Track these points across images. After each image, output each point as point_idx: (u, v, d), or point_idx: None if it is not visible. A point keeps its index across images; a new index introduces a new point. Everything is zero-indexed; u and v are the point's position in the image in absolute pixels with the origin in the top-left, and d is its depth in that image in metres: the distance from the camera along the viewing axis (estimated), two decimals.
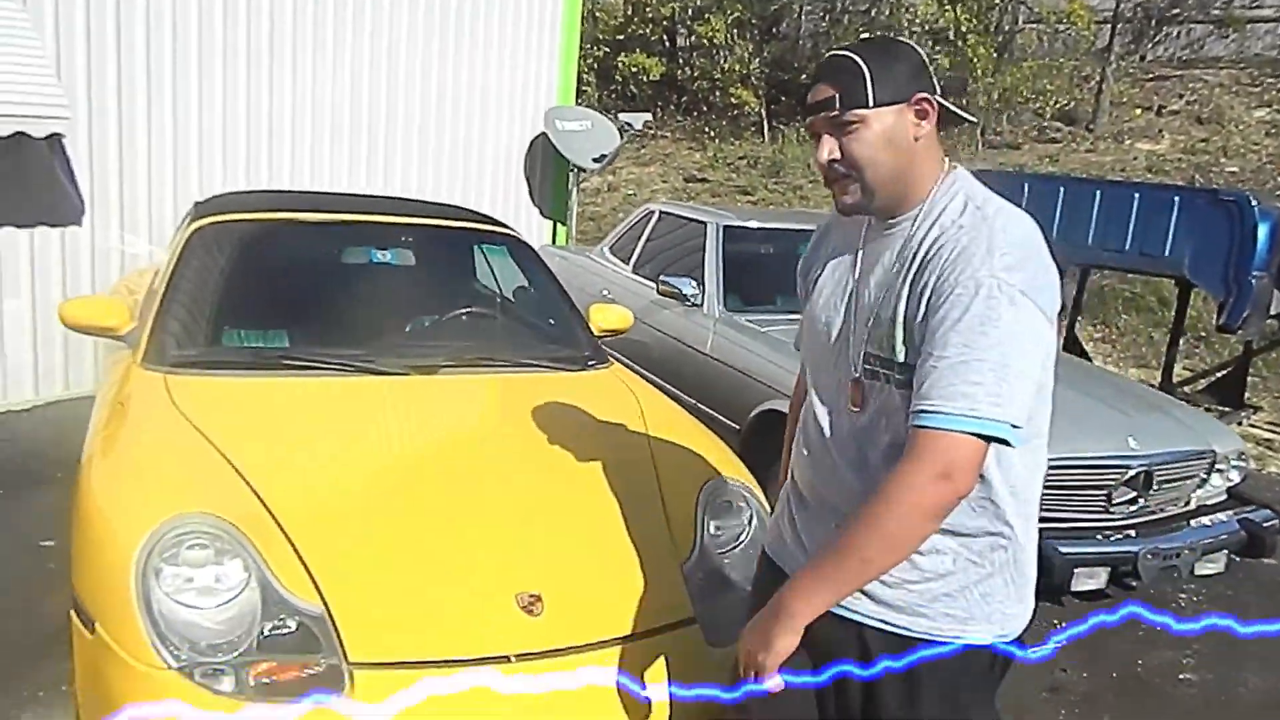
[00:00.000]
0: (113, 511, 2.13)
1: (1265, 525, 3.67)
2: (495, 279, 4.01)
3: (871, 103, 1.46)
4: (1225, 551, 3.57)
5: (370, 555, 2.10)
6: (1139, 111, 14.83)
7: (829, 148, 1.51)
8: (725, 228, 4.87)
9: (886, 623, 1.55)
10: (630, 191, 15.06)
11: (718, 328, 4.46)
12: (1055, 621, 3.66)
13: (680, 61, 19.08)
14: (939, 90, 1.51)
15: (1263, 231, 5.45)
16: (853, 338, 1.57)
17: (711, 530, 2.43)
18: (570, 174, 7.98)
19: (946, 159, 1.55)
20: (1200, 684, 3.35)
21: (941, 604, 1.54)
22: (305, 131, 6.14)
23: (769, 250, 4.94)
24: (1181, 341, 6.67)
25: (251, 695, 1.84)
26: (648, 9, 17.54)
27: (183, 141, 5.50)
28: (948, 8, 14.45)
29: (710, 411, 4.20)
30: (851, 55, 1.49)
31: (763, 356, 4.10)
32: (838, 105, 1.47)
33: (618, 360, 3.46)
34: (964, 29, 14.33)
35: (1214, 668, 3.43)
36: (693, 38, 18.85)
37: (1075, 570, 3.22)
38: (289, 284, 3.30)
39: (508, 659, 1.96)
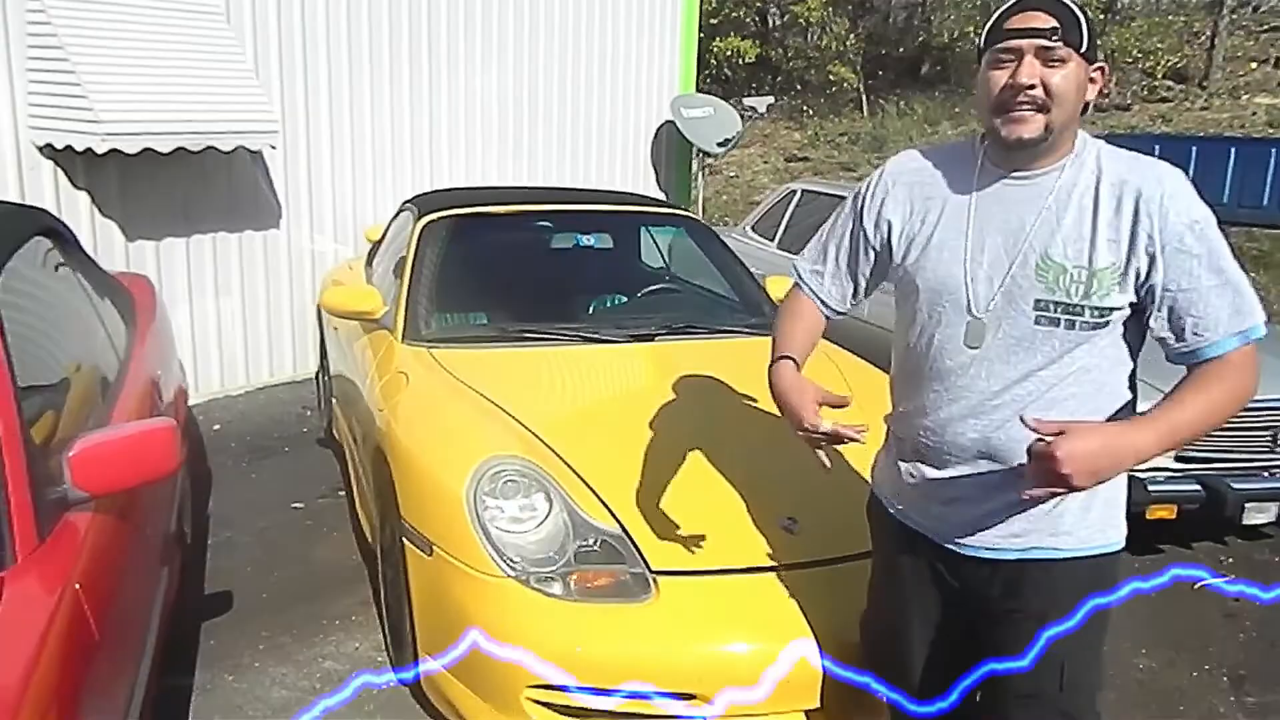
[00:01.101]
0: (437, 457, 2.58)
1: None
2: (663, 256, 4.40)
3: (1082, 48, 1.52)
4: None
5: (648, 486, 2.48)
6: (1254, 65, 14.45)
7: (1031, 71, 1.51)
8: None
9: (1034, 548, 1.66)
10: (732, 174, 15.34)
11: (871, 299, 4.75)
12: (1223, 559, 3.88)
13: (774, 42, 19.27)
14: None
15: None
16: (991, 282, 1.61)
17: None
18: (694, 159, 8.33)
19: None
20: None
21: (1070, 518, 1.65)
22: (460, 131, 6.61)
23: None
24: None
25: (576, 598, 2.24)
26: None
27: (359, 147, 6.01)
28: None
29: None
30: (1068, 3, 1.53)
31: None
32: (1058, 35, 1.50)
33: None
34: None
35: None
36: (785, 18, 19.02)
37: (1246, 505, 3.44)
38: (512, 267, 3.73)
39: (775, 569, 2.33)
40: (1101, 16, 14.15)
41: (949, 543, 1.74)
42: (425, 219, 3.69)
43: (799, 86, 18.40)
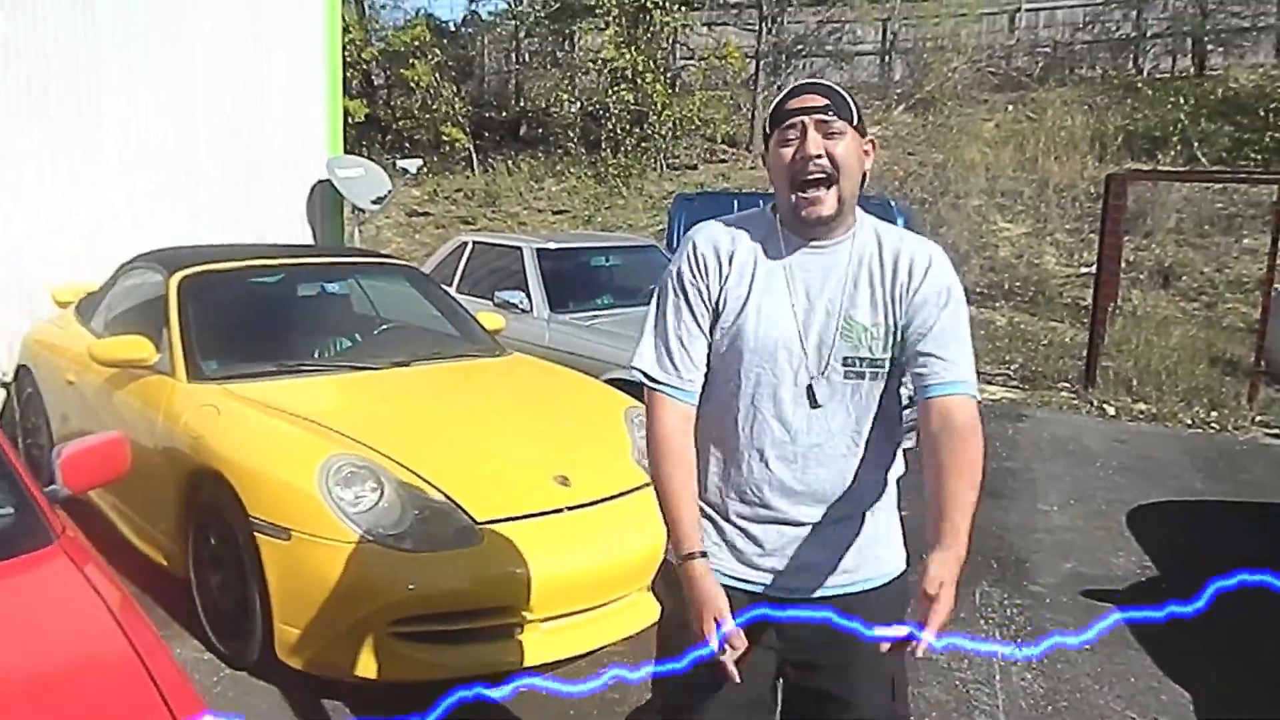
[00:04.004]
0: (280, 463, 3.14)
1: None
2: (370, 302, 5.09)
3: (854, 121, 1.67)
4: None
5: (453, 465, 3.24)
6: None
7: (816, 142, 1.63)
8: (539, 249, 6.21)
9: (862, 580, 1.78)
10: (348, 234, 15.79)
11: (550, 326, 5.81)
12: None
13: (381, 102, 19.92)
14: None
15: (900, 223, 7.62)
16: (819, 344, 1.71)
17: (638, 436, 3.78)
18: (349, 215, 8.89)
19: None
20: None
21: (882, 547, 1.82)
22: (121, 192, 6.63)
23: (573, 263, 6.35)
24: None
25: (424, 549, 2.96)
26: (346, 55, 18.16)
27: (9, 206, 5.90)
28: (625, 50, 16.57)
29: None
30: (831, 85, 1.70)
31: (595, 340, 5.50)
32: (832, 111, 1.64)
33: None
34: (640, 68, 16.52)
35: None
36: (391, 79, 19.78)
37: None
38: (270, 313, 4.24)
39: (560, 510, 3.21)
40: (668, 92, 16.62)
41: (781, 590, 1.76)
42: (180, 275, 4.06)
43: (408, 146, 19.14)
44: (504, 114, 19.41)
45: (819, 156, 1.63)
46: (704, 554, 1.68)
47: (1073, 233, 13.24)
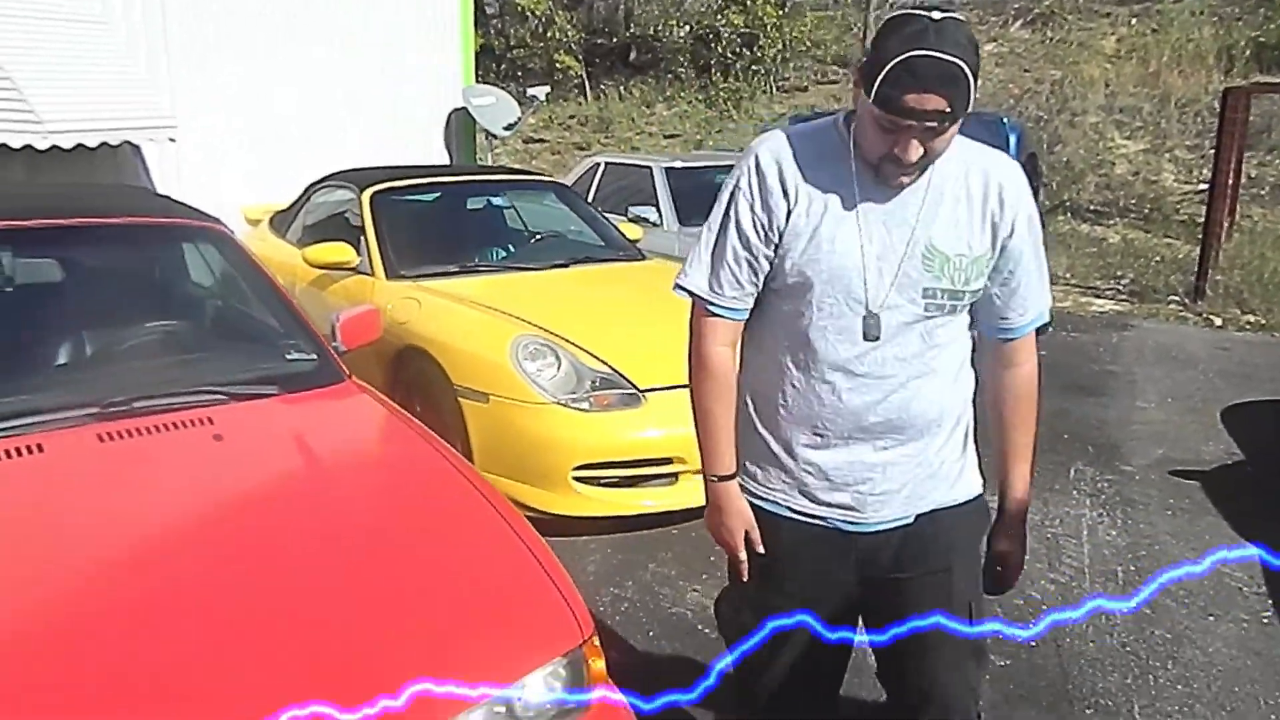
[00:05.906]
0: (476, 341, 3.83)
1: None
2: (519, 215, 5.73)
3: (969, 110, 1.50)
4: None
5: (617, 344, 3.84)
6: None
7: (915, 150, 1.52)
8: (667, 168, 6.75)
9: (936, 503, 1.75)
10: (480, 157, 16.56)
11: (680, 237, 6.37)
12: None
13: (494, 32, 20.51)
14: None
15: (1013, 139, 7.94)
16: (896, 274, 1.62)
17: None
18: (483, 140, 9.57)
19: None
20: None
21: (956, 471, 1.78)
22: (294, 127, 7.45)
23: (698, 180, 6.88)
24: None
25: (597, 410, 3.60)
26: None
27: (218, 141, 6.75)
28: None
29: None
30: (959, 63, 1.45)
31: None
32: (948, 120, 1.49)
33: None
34: None
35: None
36: (503, 8, 20.33)
37: None
38: (447, 222, 4.93)
39: None
40: (779, 13, 16.70)
41: (854, 523, 1.73)
42: (370, 190, 4.76)
43: (520, 74, 19.71)
44: (614, 40, 19.77)
45: (916, 160, 1.54)
46: (733, 476, 1.77)
47: (1193, 149, 13.03)
